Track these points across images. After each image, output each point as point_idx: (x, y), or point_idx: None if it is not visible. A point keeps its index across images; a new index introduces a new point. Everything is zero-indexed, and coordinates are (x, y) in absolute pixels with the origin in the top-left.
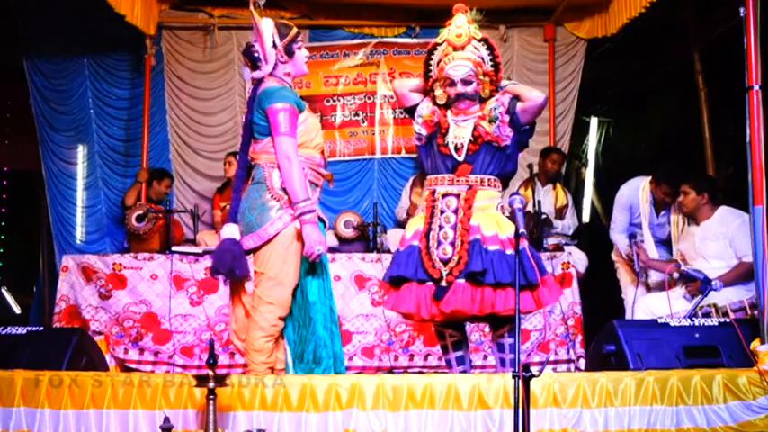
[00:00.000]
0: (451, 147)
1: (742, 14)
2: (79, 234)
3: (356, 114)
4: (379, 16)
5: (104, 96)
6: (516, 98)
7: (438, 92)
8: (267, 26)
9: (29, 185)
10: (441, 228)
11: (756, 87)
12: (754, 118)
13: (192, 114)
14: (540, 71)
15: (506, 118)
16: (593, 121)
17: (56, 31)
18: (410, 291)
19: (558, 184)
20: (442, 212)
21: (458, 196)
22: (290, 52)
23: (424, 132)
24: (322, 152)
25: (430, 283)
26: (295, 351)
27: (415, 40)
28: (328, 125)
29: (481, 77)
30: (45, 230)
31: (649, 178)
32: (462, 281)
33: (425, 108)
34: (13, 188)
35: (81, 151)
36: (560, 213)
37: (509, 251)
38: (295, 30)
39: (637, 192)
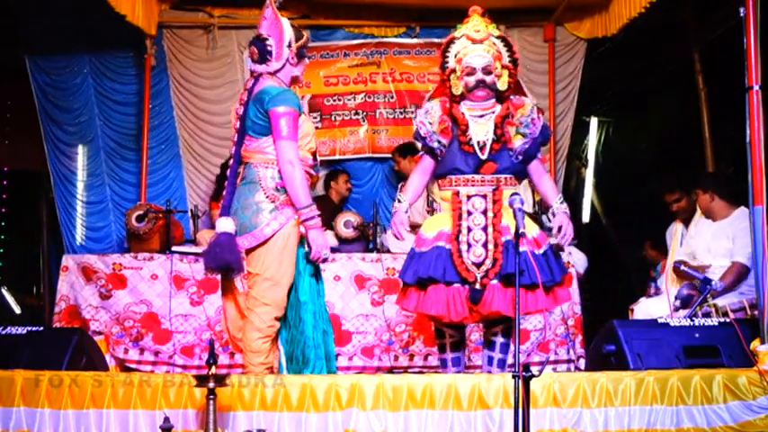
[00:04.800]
0: (475, 145)
1: (742, 14)
2: (82, 232)
3: (356, 114)
4: (379, 16)
5: (108, 92)
6: (544, 138)
7: (454, 82)
8: (287, 26)
9: (29, 185)
10: (470, 230)
11: (756, 87)
12: (754, 118)
13: (196, 112)
14: (540, 71)
15: (526, 146)
16: (593, 121)
17: (56, 29)
18: (438, 293)
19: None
20: (469, 214)
21: (484, 197)
22: (300, 56)
23: (445, 141)
24: (313, 154)
25: (457, 285)
26: (287, 351)
27: (415, 40)
28: (328, 125)
29: (500, 70)
30: (45, 230)
31: None
32: (496, 282)
33: (432, 125)
34: (13, 188)
35: (85, 148)
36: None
37: (537, 251)
38: (307, 37)
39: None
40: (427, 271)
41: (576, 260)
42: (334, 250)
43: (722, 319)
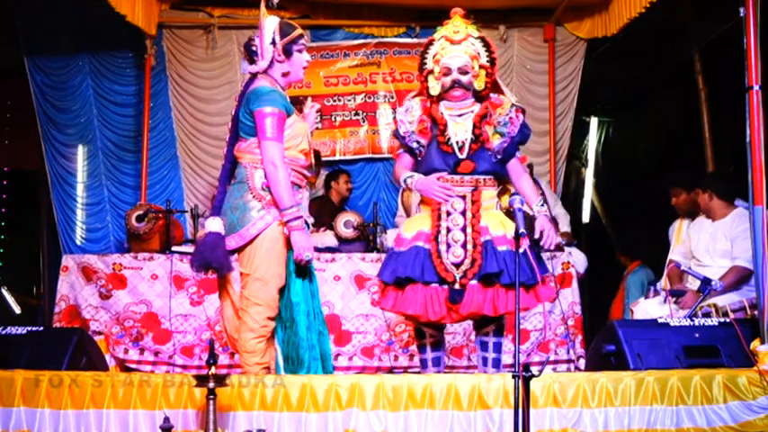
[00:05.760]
0: (454, 144)
1: (742, 14)
2: (80, 232)
3: (356, 114)
4: (380, 16)
5: (107, 93)
6: (522, 139)
7: (432, 83)
8: (270, 23)
9: (29, 185)
10: (449, 230)
11: (756, 87)
12: (754, 118)
13: (195, 113)
14: (540, 71)
15: (504, 145)
16: (593, 121)
17: (56, 30)
18: (416, 292)
19: None
20: (448, 214)
21: (463, 197)
22: (287, 52)
23: (423, 142)
24: (307, 155)
25: (435, 284)
26: (284, 352)
27: (415, 40)
28: (328, 125)
29: (477, 70)
30: (45, 230)
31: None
32: (475, 282)
33: (411, 124)
34: (13, 188)
35: (83, 148)
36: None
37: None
38: (298, 32)
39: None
40: (405, 270)
41: (576, 260)
42: (334, 250)
43: (722, 319)
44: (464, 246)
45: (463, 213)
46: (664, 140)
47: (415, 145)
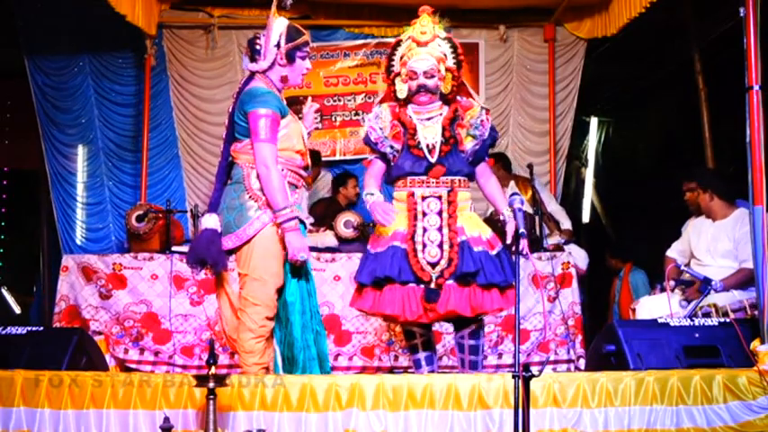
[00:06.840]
0: (424, 148)
1: (742, 14)
2: (80, 232)
3: (356, 114)
4: (380, 16)
5: (107, 93)
6: (492, 140)
7: (399, 86)
8: (279, 25)
9: (29, 185)
10: (425, 231)
11: (756, 87)
12: (754, 118)
13: (196, 113)
14: (540, 71)
15: (476, 147)
16: (593, 121)
17: (56, 30)
18: (393, 292)
19: (519, 181)
20: (424, 215)
21: (439, 198)
22: (290, 57)
23: (397, 146)
24: (303, 155)
25: (412, 284)
26: (282, 352)
27: None
28: (328, 125)
29: (443, 73)
30: (45, 230)
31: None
32: (452, 282)
33: (383, 130)
34: (13, 188)
35: (84, 149)
36: (535, 203)
37: (492, 252)
38: (304, 38)
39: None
40: (384, 271)
41: (577, 256)
42: (334, 250)
43: (722, 319)
44: (440, 245)
45: (439, 214)
46: (664, 140)
47: (388, 150)
